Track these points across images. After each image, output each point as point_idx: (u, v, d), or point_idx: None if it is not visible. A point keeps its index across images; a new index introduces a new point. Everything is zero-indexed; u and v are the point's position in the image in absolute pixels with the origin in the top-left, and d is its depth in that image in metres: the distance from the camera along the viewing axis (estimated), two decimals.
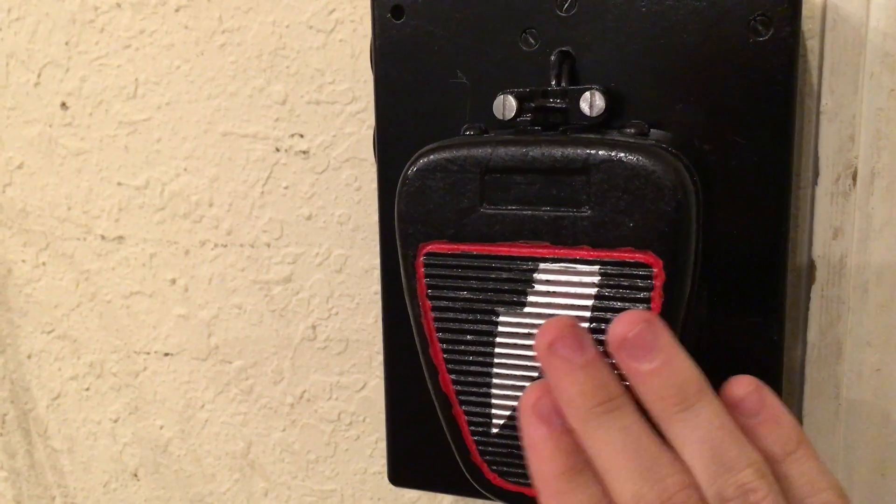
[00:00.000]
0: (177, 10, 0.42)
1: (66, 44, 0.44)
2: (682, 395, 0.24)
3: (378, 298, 0.41)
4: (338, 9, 0.39)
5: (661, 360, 0.24)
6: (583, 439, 0.24)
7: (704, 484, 0.23)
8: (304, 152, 0.41)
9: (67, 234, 0.47)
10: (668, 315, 0.25)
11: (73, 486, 0.50)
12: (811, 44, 0.32)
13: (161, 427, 0.47)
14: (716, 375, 0.29)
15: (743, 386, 0.25)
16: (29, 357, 0.49)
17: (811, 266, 0.32)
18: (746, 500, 0.22)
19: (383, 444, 0.42)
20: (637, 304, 0.25)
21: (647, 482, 0.23)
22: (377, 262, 0.40)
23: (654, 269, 0.25)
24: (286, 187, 0.41)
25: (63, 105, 0.45)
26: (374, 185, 0.40)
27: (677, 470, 0.23)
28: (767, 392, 0.25)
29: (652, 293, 0.25)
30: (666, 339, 0.24)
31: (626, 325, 0.24)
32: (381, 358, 0.41)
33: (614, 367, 0.25)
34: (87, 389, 0.48)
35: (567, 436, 0.24)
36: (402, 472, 0.35)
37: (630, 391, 0.25)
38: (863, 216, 0.31)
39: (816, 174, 0.32)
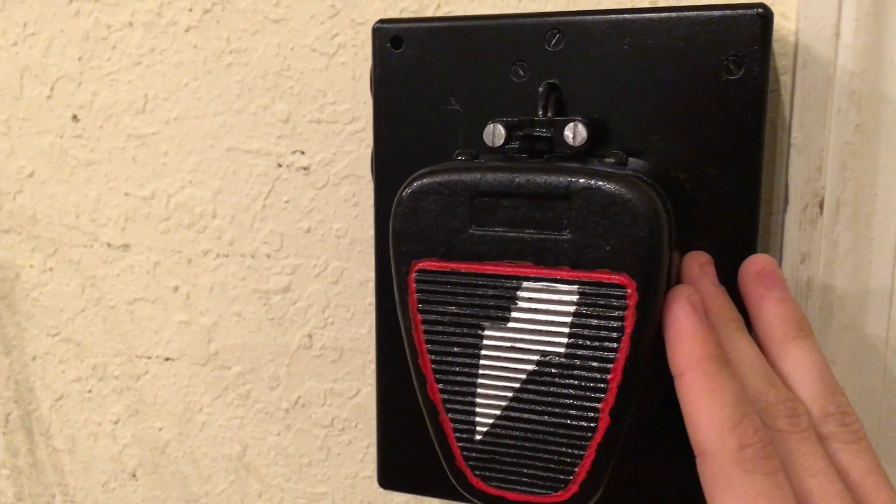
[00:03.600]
0: (186, 30, 0.44)
1: (79, 59, 0.46)
2: (801, 324, 0.28)
3: (372, 309, 0.43)
4: (340, 33, 0.41)
5: (788, 293, 0.29)
6: (722, 340, 0.28)
7: (809, 399, 0.27)
8: (304, 168, 0.43)
9: (75, 241, 0.48)
10: (639, 333, 0.27)
11: (73, 484, 0.52)
12: (784, 79, 0.34)
13: (160, 429, 0.49)
14: None
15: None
16: (34, 359, 0.51)
17: None
18: (843, 420, 0.26)
19: (374, 450, 0.44)
20: (612, 322, 0.27)
21: (767, 385, 0.27)
22: (372, 274, 0.42)
23: (629, 290, 0.27)
24: (287, 201, 0.43)
25: (74, 117, 0.47)
26: (371, 201, 0.42)
27: (783, 384, 0.27)
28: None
29: (626, 312, 0.27)
30: (786, 282, 0.29)
31: (764, 260, 0.29)
32: (373, 366, 0.43)
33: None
34: (90, 391, 0.50)
35: (714, 330, 0.27)
36: (390, 476, 0.37)
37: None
38: (829, 243, 0.33)
39: (786, 202, 0.34)
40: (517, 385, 0.29)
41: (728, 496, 0.24)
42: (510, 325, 0.29)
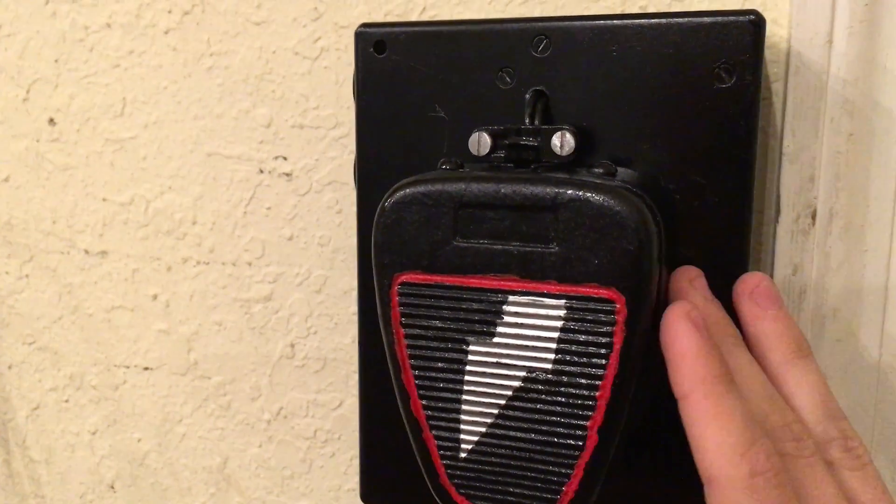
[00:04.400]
0: (166, 32, 0.43)
1: (56, 61, 0.45)
2: (800, 344, 0.27)
3: (356, 319, 0.42)
4: (323, 37, 0.40)
5: (785, 312, 0.28)
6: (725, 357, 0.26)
7: (810, 423, 0.26)
8: (287, 174, 0.42)
9: (51, 247, 0.47)
10: (628, 349, 0.26)
11: (50, 496, 0.51)
12: (776, 87, 0.33)
13: (139, 440, 0.48)
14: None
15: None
16: (9, 368, 0.50)
17: None
18: (846, 444, 0.25)
19: (357, 462, 0.43)
20: (600, 338, 0.27)
21: (772, 407, 0.25)
22: (356, 283, 0.41)
23: (617, 305, 0.26)
24: (269, 208, 0.42)
25: (51, 121, 0.46)
26: (355, 208, 0.41)
27: (788, 407, 0.26)
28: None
29: (614, 328, 0.26)
30: (783, 300, 0.28)
31: (757, 278, 0.28)
32: (357, 377, 0.42)
33: None
34: (67, 401, 0.49)
35: (718, 348, 0.26)
36: (373, 490, 0.36)
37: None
38: (821, 254, 0.33)
39: (778, 213, 0.33)
40: (503, 402, 0.28)
41: None
42: (496, 340, 0.28)
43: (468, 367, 0.29)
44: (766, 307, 0.28)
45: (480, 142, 0.30)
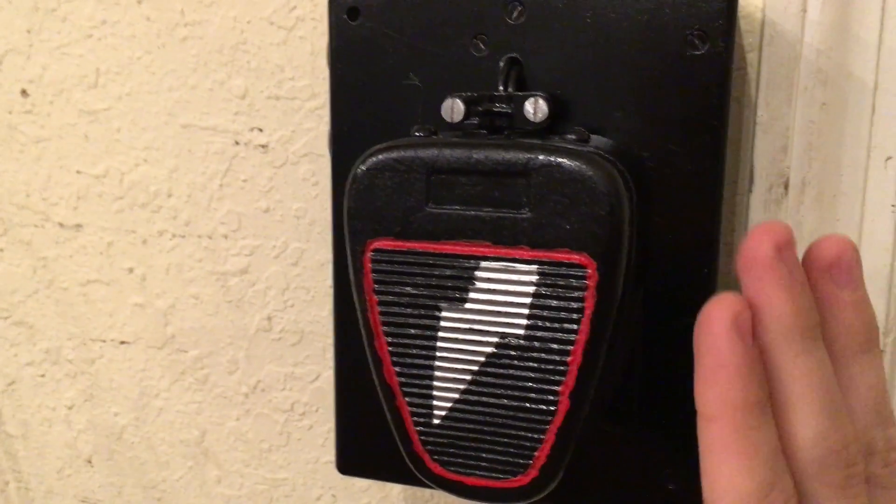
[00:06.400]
0: (139, 2, 0.42)
1: (28, 31, 0.44)
2: (869, 335, 0.23)
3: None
4: (298, 6, 0.39)
5: (862, 293, 0.23)
6: (780, 364, 0.22)
7: (859, 430, 0.23)
8: (262, 146, 0.41)
9: (25, 220, 0.47)
10: (600, 314, 0.26)
11: (27, 471, 0.51)
12: (750, 57, 0.33)
13: (116, 414, 0.48)
14: (652, 375, 0.30)
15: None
16: None
17: None
18: (888, 458, 0.23)
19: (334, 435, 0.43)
20: (572, 303, 0.27)
21: (833, 425, 0.22)
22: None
23: (588, 270, 0.26)
24: (244, 180, 0.42)
25: (23, 92, 0.45)
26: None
27: (850, 420, 0.22)
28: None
29: (586, 293, 0.26)
30: (862, 275, 0.23)
31: (839, 247, 0.23)
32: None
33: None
34: (43, 376, 0.49)
35: (761, 364, 0.22)
36: (349, 461, 0.36)
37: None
38: (793, 224, 0.33)
39: (751, 182, 0.33)
40: (475, 368, 0.28)
41: None
42: (468, 305, 0.28)
43: (441, 334, 0.29)
44: (844, 286, 0.23)
45: (454, 108, 0.30)
